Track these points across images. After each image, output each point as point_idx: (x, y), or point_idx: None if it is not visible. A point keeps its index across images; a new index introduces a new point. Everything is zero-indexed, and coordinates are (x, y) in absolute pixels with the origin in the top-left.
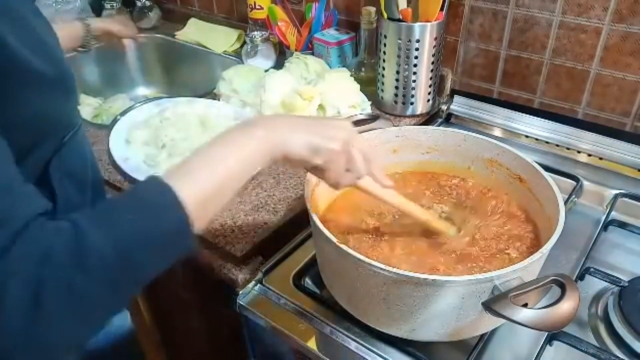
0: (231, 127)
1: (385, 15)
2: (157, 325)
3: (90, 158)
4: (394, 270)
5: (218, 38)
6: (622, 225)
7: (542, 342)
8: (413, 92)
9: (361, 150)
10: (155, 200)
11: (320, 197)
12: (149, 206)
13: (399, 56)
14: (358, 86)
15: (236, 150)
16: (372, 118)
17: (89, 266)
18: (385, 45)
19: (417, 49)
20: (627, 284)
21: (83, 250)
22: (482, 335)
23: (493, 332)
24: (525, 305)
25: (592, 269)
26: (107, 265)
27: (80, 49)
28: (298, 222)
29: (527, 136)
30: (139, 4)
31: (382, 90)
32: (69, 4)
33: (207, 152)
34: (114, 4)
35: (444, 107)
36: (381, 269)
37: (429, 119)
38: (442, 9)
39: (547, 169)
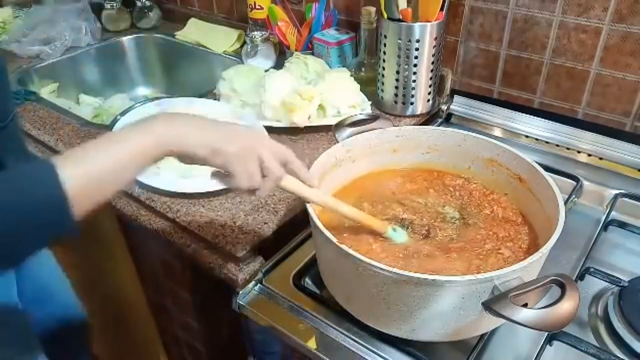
0: (133, 122)
1: (385, 15)
2: (157, 325)
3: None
4: (394, 270)
5: (218, 38)
6: (622, 225)
7: (542, 342)
8: (413, 92)
9: (274, 152)
10: (33, 175)
11: None
12: (25, 179)
13: (399, 56)
14: (358, 86)
15: (131, 141)
16: (372, 118)
17: None
18: (385, 45)
19: (417, 49)
20: (627, 284)
21: None
22: (482, 335)
23: (493, 332)
24: (525, 305)
25: (592, 269)
26: None
27: None
28: (298, 222)
29: (527, 136)
30: (139, 4)
31: (382, 90)
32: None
33: (103, 141)
34: (114, 4)
35: (444, 107)
36: (381, 269)
37: (429, 119)
38: (442, 9)
39: (547, 169)
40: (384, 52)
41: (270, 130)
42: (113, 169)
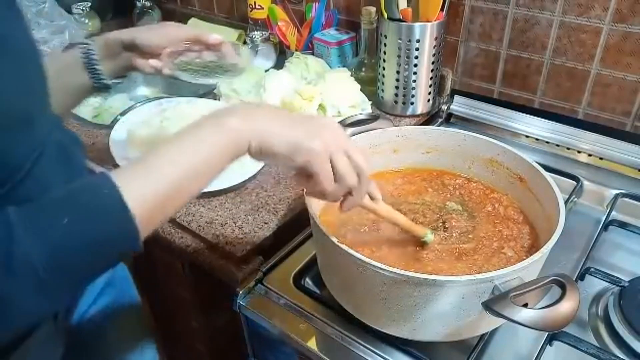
0: (206, 115)
1: (386, 15)
2: (157, 324)
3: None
4: (394, 270)
5: None
6: (623, 225)
7: (542, 342)
8: (413, 92)
9: (355, 156)
10: (97, 202)
11: None
12: (90, 208)
13: (399, 56)
14: (358, 86)
15: (204, 145)
16: (372, 118)
17: (16, 271)
18: (385, 45)
19: (417, 49)
20: (627, 284)
21: (12, 255)
22: (482, 335)
23: (493, 332)
24: (525, 305)
25: (592, 269)
26: (36, 273)
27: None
28: (298, 222)
29: (527, 136)
30: (138, 4)
31: (382, 90)
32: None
33: (170, 148)
34: (84, 7)
35: (444, 107)
36: (381, 269)
37: (429, 119)
38: (442, 9)
39: (548, 169)
40: (384, 52)
41: None
42: (182, 185)
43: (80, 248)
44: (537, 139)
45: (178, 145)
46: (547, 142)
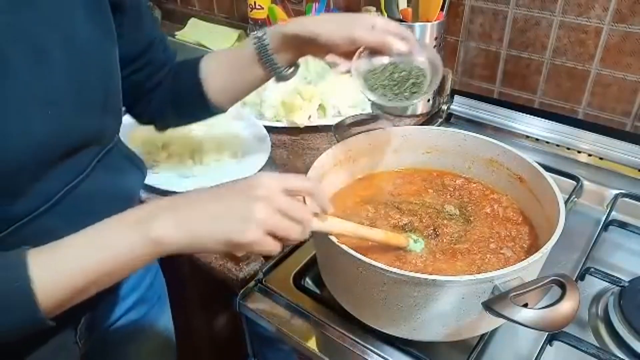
0: (127, 214)
1: (386, 15)
2: None
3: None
4: (394, 270)
5: (218, 38)
6: (623, 225)
7: (542, 342)
8: None
9: (298, 190)
10: (5, 290)
11: None
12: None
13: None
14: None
15: (122, 252)
16: (372, 118)
17: None
18: None
19: None
20: (627, 284)
21: None
22: (482, 335)
23: (493, 332)
24: (525, 305)
25: (592, 269)
26: None
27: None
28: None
29: (527, 136)
30: None
31: None
32: None
33: (89, 247)
34: None
35: (444, 107)
36: (381, 269)
37: (429, 119)
38: (442, 9)
39: (548, 169)
40: None
41: (270, 130)
42: (96, 278)
43: None
44: (537, 139)
45: (97, 245)
46: (547, 142)
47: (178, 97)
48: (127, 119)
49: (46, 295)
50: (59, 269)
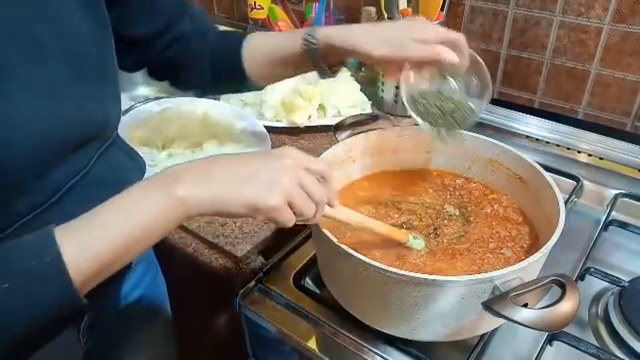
0: (155, 175)
1: (386, 15)
2: None
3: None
4: (394, 270)
5: None
6: (623, 225)
7: (542, 342)
8: None
9: (314, 172)
10: (37, 268)
11: None
12: (29, 274)
13: None
14: (358, 86)
15: (149, 209)
16: (372, 118)
17: None
18: None
19: None
20: (627, 284)
21: None
22: (482, 335)
23: (493, 332)
24: (525, 305)
25: (592, 269)
26: None
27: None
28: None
29: (527, 136)
30: None
31: (382, 90)
32: None
33: (115, 214)
34: None
35: None
36: (381, 269)
37: None
38: (442, 9)
39: (548, 169)
40: None
41: (270, 130)
42: (126, 247)
43: (21, 315)
44: (537, 139)
45: (124, 212)
46: (547, 142)
47: (217, 72)
48: (126, 119)
49: (78, 269)
50: (88, 241)
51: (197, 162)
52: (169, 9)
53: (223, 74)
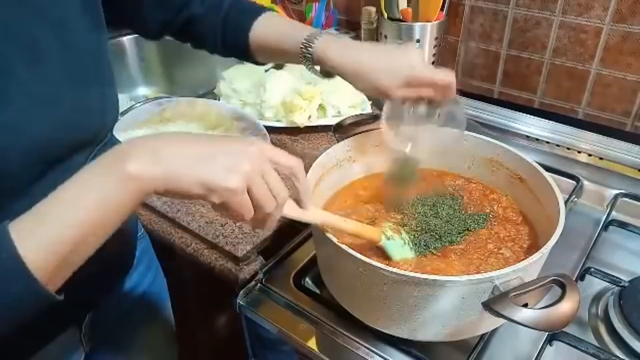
0: (105, 155)
1: (386, 15)
2: None
3: None
4: (394, 270)
5: None
6: (623, 225)
7: (542, 342)
8: None
9: (281, 165)
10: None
11: (320, 196)
12: None
13: None
14: None
15: (101, 199)
16: (372, 118)
17: None
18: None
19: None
20: (627, 284)
21: None
22: (482, 335)
23: (493, 332)
24: (525, 305)
25: (592, 269)
26: None
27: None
28: (298, 222)
29: (527, 136)
30: None
31: None
32: None
33: (64, 198)
34: None
35: None
36: (381, 269)
37: None
38: (442, 9)
39: (548, 169)
40: None
41: (270, 130)
42: (82, 238)
43: None
44: (537, 139)
45: (74, 200)
46: (547, 142)
47: (227, 43)
48: (126, 119)
49: (39, 262)
50: (43, 230)
51: (153, 137)
52: None
53: (231, 46)
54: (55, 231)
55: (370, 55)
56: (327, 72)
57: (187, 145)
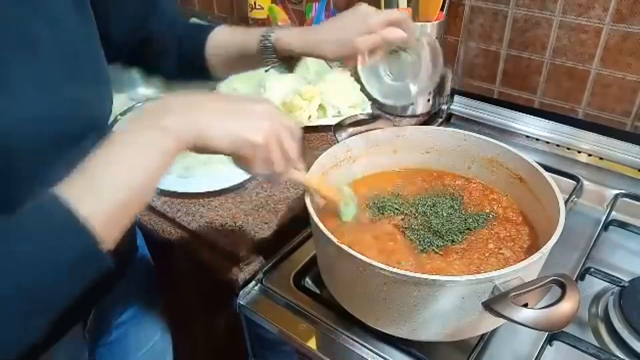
0: (142, 113)
1: None
2: None
3: None
4: (394, 270)
5: None
6: (623, 225)
7: (542, 342)
8: None
9: (291, 132)
10: (55, 227)
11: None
12: (49, 234)
13: None
14: (358, 86)
15: (145, 146)
16: (372, 118)
17: None
18: None
19: None
20: (627, 284)
21: None
22: (482, 335)
23: (493, 332)
24: (525, 305)
25: (592, 269)
26: (6, 309)
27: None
28: (298, 222)
29: (527, 136)
30: None
31: None
32: None
33: (110, 156)
34: None
35: (444, 107)
36: (381, 269)
37: (429, 119)
38: (442, 9)
39: (548, 169)
40: None
41: None
42: (134, 191)
43: (48, 277)
44: (537, 139)
45: (118, 154)
46: (547, 142)
47: (183, 63)
48: (126, 119)
49: (98, 225)
50: (98, 193)
51: (186, 95)
52: (138, 7)
53: (188, 65)
54: (110, 194)
55: (326, 24)
56: (288, 60)
57: (216, 102)
